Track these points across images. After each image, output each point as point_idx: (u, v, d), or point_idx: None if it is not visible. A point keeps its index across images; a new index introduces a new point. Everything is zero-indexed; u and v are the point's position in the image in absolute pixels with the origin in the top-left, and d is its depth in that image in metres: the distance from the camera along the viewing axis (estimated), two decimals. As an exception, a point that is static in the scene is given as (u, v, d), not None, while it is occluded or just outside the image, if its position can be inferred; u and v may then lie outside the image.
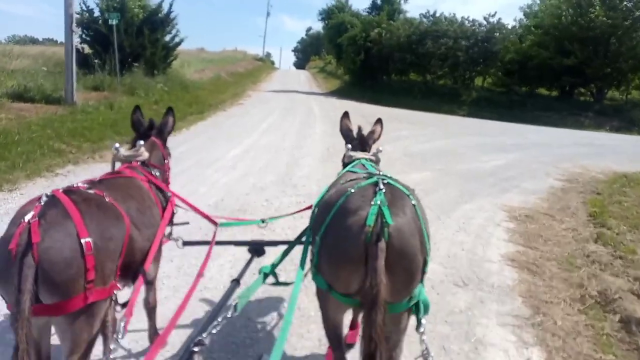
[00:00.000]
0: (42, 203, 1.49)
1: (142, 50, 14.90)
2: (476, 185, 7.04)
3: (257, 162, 7.26)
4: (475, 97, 22.63)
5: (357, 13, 29.96)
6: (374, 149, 2.71)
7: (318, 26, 61.78)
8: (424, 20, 24.94)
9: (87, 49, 14.75)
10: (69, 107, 9.22)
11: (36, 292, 1.36)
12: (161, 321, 2.53)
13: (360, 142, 2.67)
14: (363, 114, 16.39)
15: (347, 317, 2.24)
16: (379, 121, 2.87)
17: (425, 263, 1.64)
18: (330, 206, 1.72)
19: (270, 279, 2.07)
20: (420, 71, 25.27)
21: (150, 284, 2.36)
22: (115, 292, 1.66)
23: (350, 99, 22.84)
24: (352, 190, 1.71)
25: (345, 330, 2.20)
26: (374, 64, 26.03)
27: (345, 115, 2.87)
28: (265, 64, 53.69)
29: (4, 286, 1.43)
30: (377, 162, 2.56)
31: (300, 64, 78.71)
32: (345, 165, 2.49)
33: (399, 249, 1.52)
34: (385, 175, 1.85)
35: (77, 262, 1.43)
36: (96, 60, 13.13)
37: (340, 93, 26.53)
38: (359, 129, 2.75)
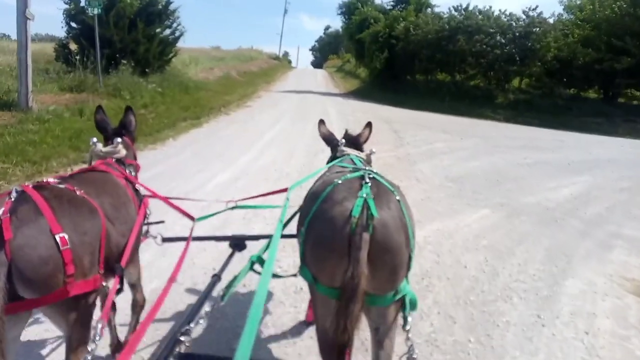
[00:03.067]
0: (12, 199, 1.43)
1: (135, 46, 13.03)
2: (561, 235, 4.83)
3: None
4: (512, 99, 20.09)
5: (381, 7, 27.57)
6: (367, 150, 2.60)
7: (337, 25, 60.00)
8: (455, 14, 22.46)
9: (75, 45, 13.01)
10: (20, 114, 7.31)
11: (13, 290, 1.34)
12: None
13: (351, 142, 2.61)
14: (387, 118, 14.20)
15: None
16: (368, 125, 2.82)
17: (410, 259, 1.60)
18: (317, 196, 1.70)
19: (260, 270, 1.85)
20: (449, 70, 22.80)
21: (134, 286, 2.34)
22: (103, 284, 1.63)
23: (370, 100, 20.66)
24: (339, 182, 1.70)
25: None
26: (397, 63, 23.73)
27: (321, 122, 2.86)
28: (281, 62, 51.96)
29: None
30: (368, 162, 2.40)
31: (317, 63, 77.22)
32: (333, 159, 2.46)
33: (383, 242, 1.49)
34: (371, 170, 1.85)
35: (54, 257, 1.41)
36: (77, 57, 11.27)
37: (359, 94, 24.33)
38: (346, 131, 2.73)
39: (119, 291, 1.77)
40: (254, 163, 6.88)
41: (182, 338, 1.50)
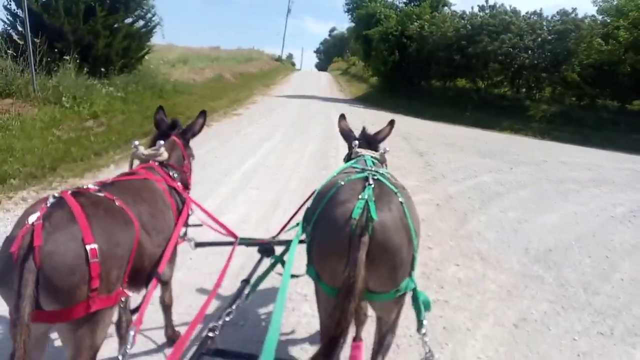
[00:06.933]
0: (49, 205, 1.41)
1: (94, 39, 10.44)
2: None
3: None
4: (550, 111, 17.32)
5: (392, 4, 24.89)
6: (381, 148, 2.55)
7: (342, 27, 57.57)
8: (478, 13, 19.77)
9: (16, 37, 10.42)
10: None
11: (37, 298, 1.28)
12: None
13: (366, 140, 2.58)
14: (405, 133, 11.23)
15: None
16: (391, 123, 2.73)
17: (413, 259, 1.64)
18: (322, 197, 1.76)
19: (281, 270, 1.93)
20: (471, 76, 20.08)
21: (165, 284, 2.31)
22: (123, 298, 1.56)
23: (380, 108, 18.00)
24: (342, 183, 1.75)
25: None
26: (410, 65, 21.09)
27: (342, 117, 2.82)
28: (284, 64, 49.50)
29: (5, 291, 1.35)
30: (382, 161, 2.40)
31: (322, 66, 75.00)
32: (349, 157, 2.49)
33: (382, 244, 1.53)
34: (377, 172, 1.87)
35: (80, 268, 1.35)
36: (9, 51, 8.65)
37: (367, 100, 21.71)
38: (364, 129, 2.68)
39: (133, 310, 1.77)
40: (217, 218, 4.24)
41: (210, 334, 1.59)
